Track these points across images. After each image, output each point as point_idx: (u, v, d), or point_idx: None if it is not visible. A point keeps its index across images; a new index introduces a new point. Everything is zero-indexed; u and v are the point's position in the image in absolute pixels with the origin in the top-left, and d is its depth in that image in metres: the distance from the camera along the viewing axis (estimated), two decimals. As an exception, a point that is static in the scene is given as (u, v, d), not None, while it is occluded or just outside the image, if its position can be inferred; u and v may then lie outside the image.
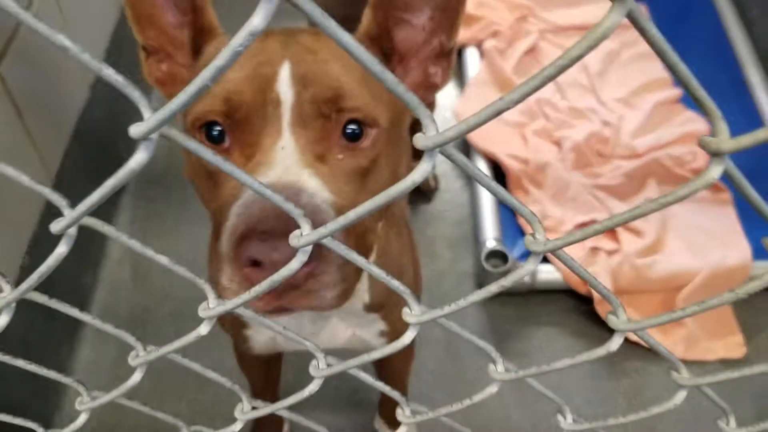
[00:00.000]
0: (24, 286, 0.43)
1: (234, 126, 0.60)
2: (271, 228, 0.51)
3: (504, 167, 1.68)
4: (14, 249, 1.25)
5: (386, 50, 0.68)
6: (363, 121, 0.61)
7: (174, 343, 0.49)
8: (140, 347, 0.51)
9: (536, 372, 0.49)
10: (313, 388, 0.55)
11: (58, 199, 0.37)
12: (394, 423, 1.32)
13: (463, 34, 1.99)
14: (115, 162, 1.73)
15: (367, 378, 0.55)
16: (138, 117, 0.30)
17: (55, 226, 0.37)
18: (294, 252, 0.39)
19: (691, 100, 0.28)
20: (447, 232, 1.67)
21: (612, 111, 1.81)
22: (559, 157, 1.72)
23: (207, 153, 0.32)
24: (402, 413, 0.62)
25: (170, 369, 1.38)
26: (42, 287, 0.44)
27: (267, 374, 1.18)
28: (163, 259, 0.44)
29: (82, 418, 0.61)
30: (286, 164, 0.57)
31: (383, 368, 1.17)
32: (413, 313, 0.45)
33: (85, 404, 0.59)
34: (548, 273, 1.53)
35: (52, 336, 1.38)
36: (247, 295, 0.42)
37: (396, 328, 0.95)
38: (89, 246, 1.56)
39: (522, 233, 1.62)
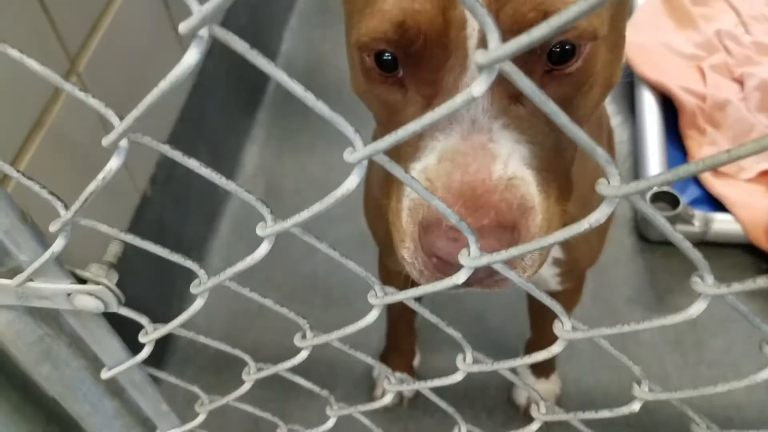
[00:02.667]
0: (75, 205, 0.36)
1: (409, 55, 0.46)
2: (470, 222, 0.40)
3: (677, 102, 1.49)
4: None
5: None
6: (577, 39, 0.46)
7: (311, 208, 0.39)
8: (269, 216, 0.41)
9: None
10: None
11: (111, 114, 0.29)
12: (540, 371, 1.21)
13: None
14: (255, 74, 1.67)
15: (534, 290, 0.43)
16: None
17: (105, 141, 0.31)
18: None
19: None
20: (605, 171, 1.50)
21: (806, 49, 1.57)
22: (741, 96, 1.51)
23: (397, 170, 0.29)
24: (561, 327, 0.49)
25: (300, 288, 1.32)
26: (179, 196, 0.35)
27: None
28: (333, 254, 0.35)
29: (198, 303, 0.51)
30: (475, 115, 0.45)
31: (543, 310, 1.04)
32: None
33: (201, 286, 0.50)
34: (724, 223, 1.34)
35: (182, 242, 1.35)
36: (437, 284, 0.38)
37: (573, 257, 0.81)
38: (224, 159, 1.52)
39: (693, 178, 1.43)
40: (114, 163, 0.32)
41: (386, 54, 0.47)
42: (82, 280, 0.46)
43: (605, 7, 0.48)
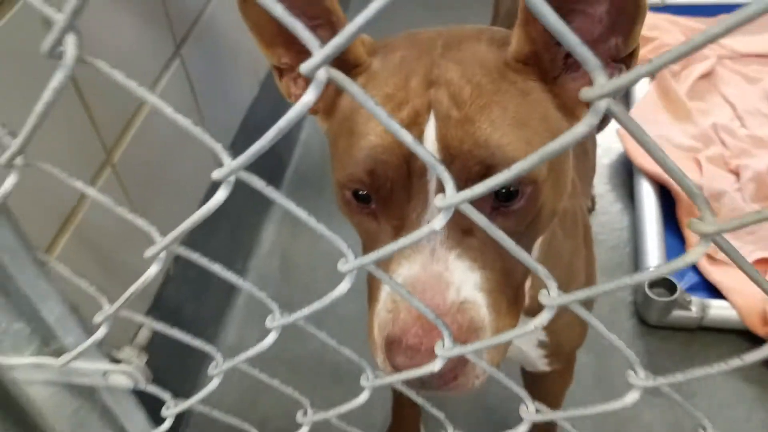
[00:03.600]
0: (179, 229, 0.42)
1: (379, 195, 0.56)
2: (416, 343, 0.50)
3: (674, 192, 1.56)
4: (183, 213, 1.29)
5: (550, 57, 0.58)
6: (518, 184, 0.54)
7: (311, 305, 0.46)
8: (277, 311, 0.48)
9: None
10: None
11: (221, 150, 0.36)
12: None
13: (633, 53, 1.90)
14: (274, 160, 1.77)
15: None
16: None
17: (217, 174, 0.36)
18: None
19: None
20: (601, 257, 1.56)
21: (799, 142, 1.65)
22: (736, 187, 1.58)
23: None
24: (526, 409, 0.55)
25: (309, 362, 1.39)
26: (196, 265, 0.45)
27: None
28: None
29: (214, 382, 0.58)
30: (433, 246, 0.53)
31: (536, 389, 1.09)
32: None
33: (217, 368, 0.56)
34: (721, 309, 1.39)
35: (201, 316, 1.41)
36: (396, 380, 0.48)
37: (557, 341, 0.87)
38: (243, 236, 1.59)
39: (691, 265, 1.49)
40: (153, 271, 0.40)
41: (361, 191, 0.56)
42: (116, 360, 0.52)
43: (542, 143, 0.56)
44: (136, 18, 1.10)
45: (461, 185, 0.52)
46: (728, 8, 1.97)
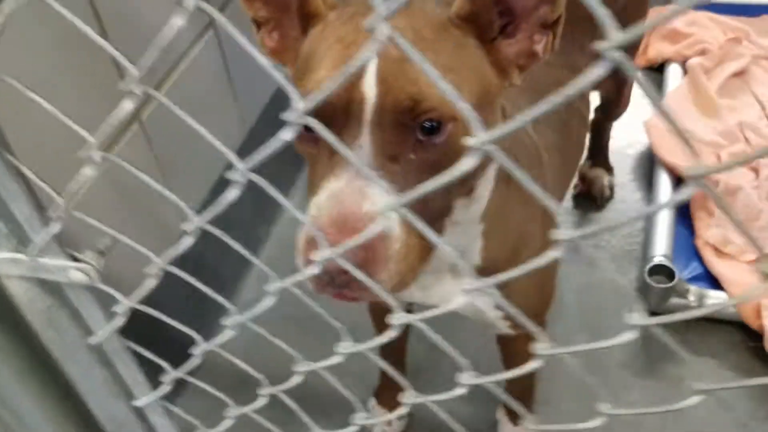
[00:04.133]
0: (206, 216, 0.54)
1: (322, 120, 0.62)
2: (332, 240, 0.55)
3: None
4: (200, 189, 1.40)
5: (488, 21, 0.66)
6: (440, 119, 0.61)
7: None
8: (275, 276, 0.58)
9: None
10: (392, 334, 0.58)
11: (233, 157, 0.48)
12: (516, 416, 1.29)
13: (667, 49, 1.91)
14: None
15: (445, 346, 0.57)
16: None
17: (232, 175, 0.48)
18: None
19: None
20: (614, 243, 1.59)
21: (827, 144, 1.63)
22: (754, 184, 1.58)
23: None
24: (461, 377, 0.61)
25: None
26: (220, 227, 0.57)
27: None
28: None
29: (228, 333, 0.69)
30: (360, 166, 0.60)
31: (506, 354, 1.14)
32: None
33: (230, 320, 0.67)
34: (718, 299, 1.40)
35: (220, 273, 1.52)
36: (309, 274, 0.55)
37: (516, 304, 0.92)
38: (267, 204, 1.69)
39: (697, 255, 1.50)
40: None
41: None
42: (77, 260, 0.62)
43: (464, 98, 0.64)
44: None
45: (392, 117, 0.61)
46: (771, 7, 1.95)
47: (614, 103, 1.53)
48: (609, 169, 1.70)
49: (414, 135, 0.61)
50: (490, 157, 0.40)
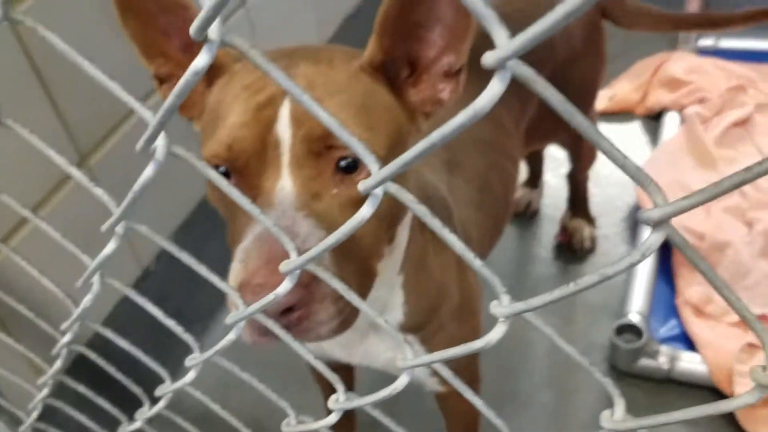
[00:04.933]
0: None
1: (237, 169, 0.63)
2: (263, 282, 0.56)
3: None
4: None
5: (396, 70, 0.67)
6: (355, 157, 0.61)
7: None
8: (241, 306, 0.57)
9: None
10: (331, 419, 0.61)
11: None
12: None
13: (665, 97, 1.85)
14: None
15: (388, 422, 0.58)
16: None
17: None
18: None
19: None
20: (589, 297, 1.53)
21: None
22: (746, 240, 1.49)
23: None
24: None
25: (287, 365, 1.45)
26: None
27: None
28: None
29: (191, 375, 0.70)
30: (283, 207, 0.60)
31: (445, 412, 1.10)
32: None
33: (194, 360, 0.69)
34: (691, 363, 1.33)
35: (190, 309, 1.53)
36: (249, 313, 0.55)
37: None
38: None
39: (676, 314, 1.43)
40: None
41: (221, 167, 0.63)
42: None
43: (379, 139, 0.63)
44: None
45: (307, 150, 0.61)
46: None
47: (576, 153, 1.49)
48: (590, 221, 1.64)
49: (332, 170, 0.61)
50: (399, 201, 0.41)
